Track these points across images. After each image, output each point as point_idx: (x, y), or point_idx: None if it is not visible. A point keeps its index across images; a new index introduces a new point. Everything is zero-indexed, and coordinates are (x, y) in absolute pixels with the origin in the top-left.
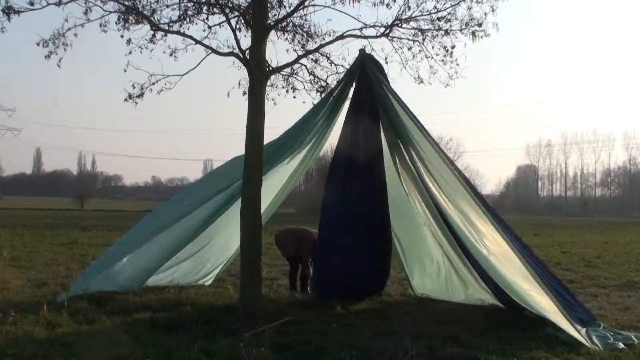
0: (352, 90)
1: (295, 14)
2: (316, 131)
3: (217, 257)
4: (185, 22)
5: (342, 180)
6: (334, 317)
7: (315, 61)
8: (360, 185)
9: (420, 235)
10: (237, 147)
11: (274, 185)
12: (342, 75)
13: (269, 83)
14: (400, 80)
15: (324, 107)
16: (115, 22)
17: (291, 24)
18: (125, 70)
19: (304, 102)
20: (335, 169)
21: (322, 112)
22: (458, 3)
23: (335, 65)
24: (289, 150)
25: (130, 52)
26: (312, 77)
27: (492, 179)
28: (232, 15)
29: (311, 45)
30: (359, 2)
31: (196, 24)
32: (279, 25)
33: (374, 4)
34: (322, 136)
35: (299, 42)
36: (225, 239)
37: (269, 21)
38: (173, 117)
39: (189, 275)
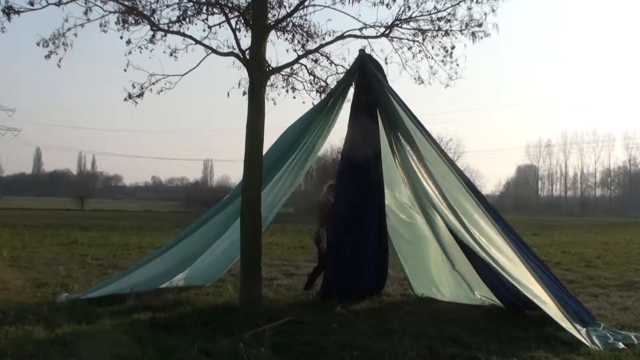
0: (351, 91)
1: (295, 14)
2: (317, 134)
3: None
4: (185, 22)
5: (349, 182)
6: (334, 317)
7: (315, 61)
8: (366, 186)
9: (420, 235)
10: (237, 147)
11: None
12: (342, 76)
13: (269, 83)
14: (400, 80)
15: (324, 109)
16: (115, 23)
17: (291, 24)
18: (125, 70)
19: (303, 102)
20: (342, 172)
21: (322, 114)
22: (458, 3)
23: (335, 65)
24: (291, 155)
25: (130, 52)
26: (312, 77)
27: (492, 179)
28: (232, 15)
29: (311, 45)
30: (359, 2)
31: (196, 24)
32: (279, 25)
33: (374, 4)
34: (324, 138)
35: (299, 42)
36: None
37: (269, 21)
38: (173, 117)
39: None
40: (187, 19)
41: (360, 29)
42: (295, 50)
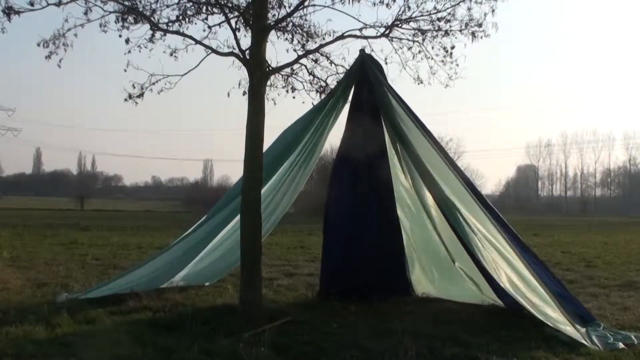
0: (352, 91)
1: (295, 14)
2: (317, 134)
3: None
4: (185, 22)
5: (346, 182)
6: (334, 317)
7: (315, 61)
8: (366, 186)
9: (421, 235)
10: (237, 147)
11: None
12: (342, 76)
13: (268, 83)
14: (399, 80)
15: (324, 109)
16: (115, 22)
17: (291, 24)
18: (125, 70)
19: (303, 102)
20: (339, 172)
21: (322, 114)
22: (458, 4)
23: (335, 65)
24: (291, 155)
25: (129, 52)
26: (312, 77)
27: (492, 179)
28: (232, 15)
29: (311, 45)
30: (359, 2)
31: (196, 24)
32: (279, 25)
33: (374, 3)
34: (324, 139)
35: (299, 42)
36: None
37: (269, 21)
38: (173, 117)
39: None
40: (187, 19)
41: (360, 29)
42: (295, 50)
